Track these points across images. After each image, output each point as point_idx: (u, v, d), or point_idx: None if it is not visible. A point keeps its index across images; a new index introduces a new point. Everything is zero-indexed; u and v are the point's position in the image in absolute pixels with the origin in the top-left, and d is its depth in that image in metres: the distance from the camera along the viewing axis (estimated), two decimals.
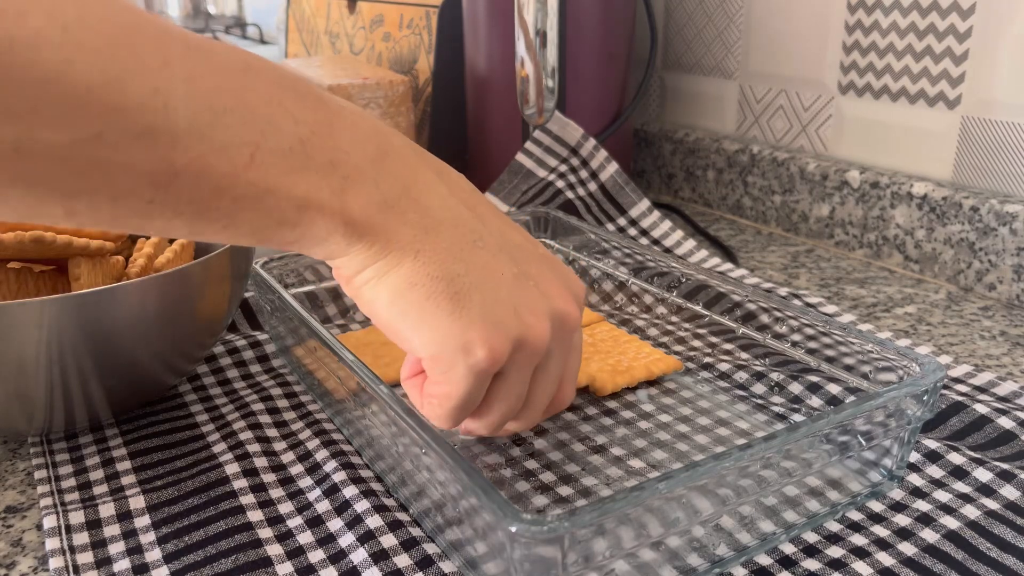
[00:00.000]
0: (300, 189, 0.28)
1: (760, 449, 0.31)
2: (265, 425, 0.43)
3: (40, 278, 0.45)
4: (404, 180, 0.31)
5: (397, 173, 0.31)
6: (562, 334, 0.34)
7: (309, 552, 0.34)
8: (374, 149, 0.30)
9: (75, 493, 0.38)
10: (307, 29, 1.12)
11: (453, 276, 0.31)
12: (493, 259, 0.32)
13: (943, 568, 0.33)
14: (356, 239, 0.30)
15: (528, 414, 0.36)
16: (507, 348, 0.32)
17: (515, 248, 0.34)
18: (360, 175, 0.29)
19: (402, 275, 0.31)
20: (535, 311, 0.33)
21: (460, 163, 0.83)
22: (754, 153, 0.76)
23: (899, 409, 0.35)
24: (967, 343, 0.53)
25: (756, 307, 0.46)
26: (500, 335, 0.31)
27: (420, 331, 0.31)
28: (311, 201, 0.28)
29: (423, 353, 0.32)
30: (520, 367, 0.33)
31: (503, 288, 0.32)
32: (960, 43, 0.62)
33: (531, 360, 0.33)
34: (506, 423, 0.35)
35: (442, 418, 0.33)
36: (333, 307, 0.55)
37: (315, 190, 0.28)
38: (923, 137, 0.66)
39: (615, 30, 0.74)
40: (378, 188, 0.30)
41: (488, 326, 0.31)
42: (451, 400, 0.32)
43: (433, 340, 0.31)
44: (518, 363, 0.33)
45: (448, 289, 0.31)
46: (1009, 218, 0.58)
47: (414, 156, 0.32)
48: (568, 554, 0.27)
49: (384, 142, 0.31)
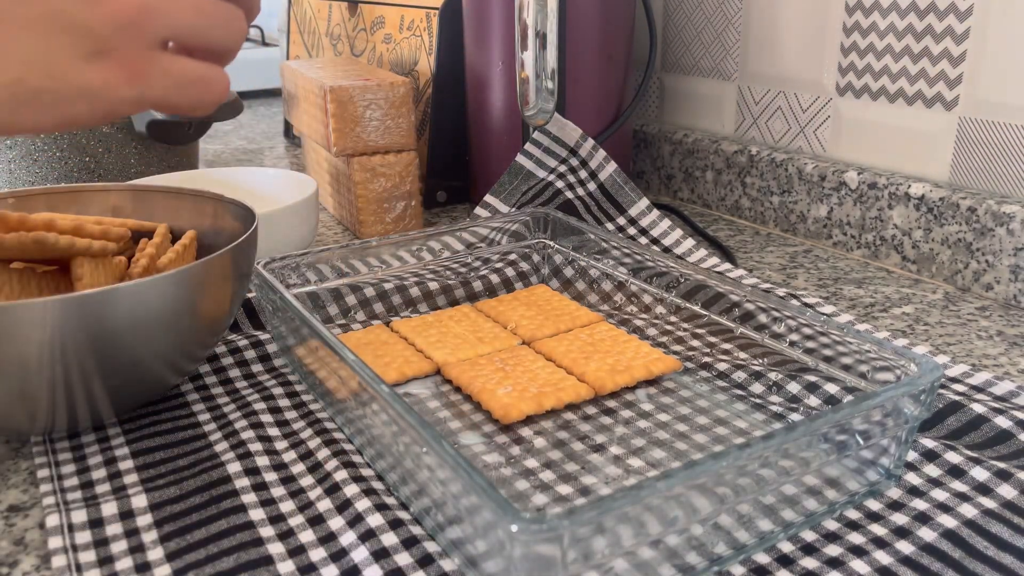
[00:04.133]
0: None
1: (758, 448, 0.31)
2: (267, 424, 0.44)
3: (43, 278, 0.45)
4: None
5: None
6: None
7: (310, 550, 0.35)
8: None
9: (77, 492, 0.39)
10: (308, 31, 1.12)
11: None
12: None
13: (941, 567, 0.33)
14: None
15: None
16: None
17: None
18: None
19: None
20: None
21: (460, 164, 0.83)
22: (752, 154, 0.77)
23: (897, 408, 0.35)
24: (964, 343, 0.53)
25: (754, 307, 0.46)
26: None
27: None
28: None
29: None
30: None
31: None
32: (957, 45, 0.62)
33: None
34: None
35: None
36: (334, 307, 0.55)
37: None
38: (920, 138, 0.66)
39: (614, 32, 0.74)
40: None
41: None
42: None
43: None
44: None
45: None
46: (1006, 219, 0.58)
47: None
48: (568, 552, 0.27)
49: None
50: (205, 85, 0.36)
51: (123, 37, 0.33)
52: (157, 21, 0.34)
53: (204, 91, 0.36)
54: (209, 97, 0.36)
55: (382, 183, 0.72)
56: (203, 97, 0.36)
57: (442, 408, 0.45)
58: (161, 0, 0.34)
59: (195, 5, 0.35)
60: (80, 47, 0.33)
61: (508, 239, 0.61)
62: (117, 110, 0.34)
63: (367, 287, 0.56)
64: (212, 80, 0.36)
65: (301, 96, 0.78)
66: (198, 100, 0.36)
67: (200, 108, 0.36)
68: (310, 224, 0.65)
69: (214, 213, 0.52)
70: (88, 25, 0.32)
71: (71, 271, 0.42)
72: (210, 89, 0.36)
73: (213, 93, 0.36)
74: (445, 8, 0.79)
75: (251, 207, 0.49)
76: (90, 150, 0.77)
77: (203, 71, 0.36)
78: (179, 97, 0.35)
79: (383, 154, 0.72)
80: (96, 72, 0.33)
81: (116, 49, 0.33)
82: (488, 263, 0.60)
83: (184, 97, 0.35)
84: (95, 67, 0.33)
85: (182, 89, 0.35)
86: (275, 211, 0.60)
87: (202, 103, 0.36)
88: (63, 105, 0.33)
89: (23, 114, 0.33)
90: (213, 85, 0.36)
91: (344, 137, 0.70)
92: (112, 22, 0.33)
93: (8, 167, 0.76)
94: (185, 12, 0.34)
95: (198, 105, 0.36)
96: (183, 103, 0.35)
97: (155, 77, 0.34)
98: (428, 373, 0.49)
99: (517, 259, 0.61)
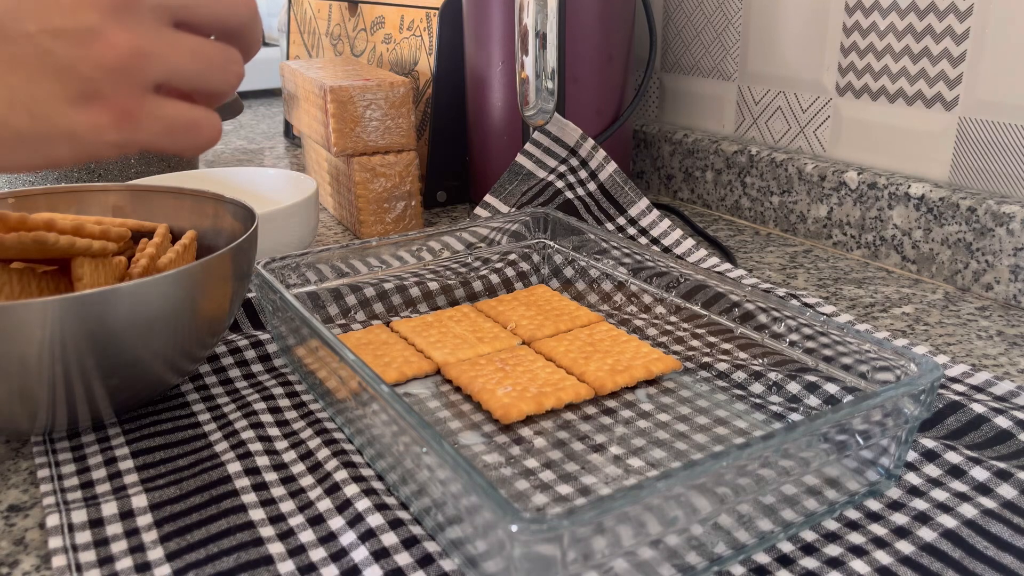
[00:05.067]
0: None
1: (758, 448, 0.31)
2: (267, 424, 0.44)
3: (43, 278, 0.45)
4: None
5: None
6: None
7: (310, 550, 0.35)
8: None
9: (78, 492, 0.39)
10: (309, 31, 1.12)
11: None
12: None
13: (940, 567, 0.33)
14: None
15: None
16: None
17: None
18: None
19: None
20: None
21: (461, 164, 0.83)
22: (752, 154, 0.77)
23: (896, 408, 0.35)
24: (964, 343, 0.53)
25: (754, 307, 0.46)
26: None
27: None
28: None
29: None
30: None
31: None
32: (957, 45, 0.62)
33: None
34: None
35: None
36: (335, 307, 0.55)
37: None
38: (920, 138, 0.66)
39: (614, 32, 0.74)
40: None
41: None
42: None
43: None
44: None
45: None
46: (1006, 219, 0.58)
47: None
48: (568, 552, 0.27)
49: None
50: (196, 130, 0.35)
51: (113, 81, 0.32)
52: (151, 66, 0.32)
53: (194, 136, 0.35)
54: (198, 142, 0.35)
55: (382, 183, 0.72)
56: (192, 142, 0.35)
57: (442, 408, 0.45)
58: (155, 43, 0.32)
59: (191, 49, 0.34)
60: (67, 90, 0.31)
61: (508, 239, 0.61)
62: (101, 153, 0.33)
63: (367, 287, 0.56)
64: (203, 125, 0.35)
65: (301, 96, 0.78)
66: (187, 145, 0.35)
67: (189, 152, 0.35)
68: (310, 224, 0.65)
69: (214, 213, 0.52)
70: (77, 68, 0.31)
71: (71, 271, 0.42)
72: (200, 134, 0.35)
73: (202, 138, 0.35)
74: (445, 8, 0.79)
75: (251, 207, 0.49)
76: None
77: (194, 115, 0.34)
78: (167, 142, 0.34)
79: (383, 154, 0.72)
80: (83, 116, 0.32)
81: (105, 92, 0.32)
82: (488, 263, 0.60)
83: (173, 142, 0.34)
84: (82, 110, 0.32)
85: (171, 134, 0.34)
86: (275, 211, 0.60)
87: (191, 148, 0.35)
88: (45, 147, 0.32)
89: (3, 155, 0.32)
90: (203, 130, 0.35)
91: (344, 137, 0.70)
92: (102, 65, 0.31)
93: None
94: (181, 57, 0.33)
95: (187, 149, 0.35)
96: (171, 147, 0.34)
97: (144, 122, 0.33)
98: (428, 373, 0.49)
99: (517, 259, 0.61)
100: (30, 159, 0.32)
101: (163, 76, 0.33)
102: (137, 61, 0.32)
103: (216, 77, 0.35)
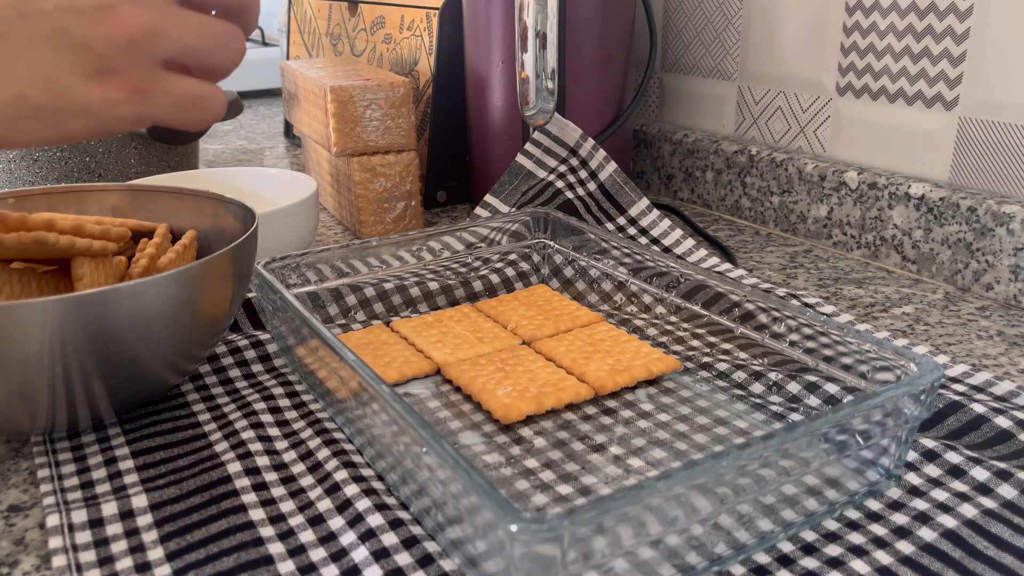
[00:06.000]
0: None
1: (758, 448, 0.31)
2: (267, 424, 0.44)
3: (43, 278, 0.45)
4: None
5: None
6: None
7: (310, 550, 0.35)
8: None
9: (78, 492, 0.39)
10: (309, 31, 1.12)
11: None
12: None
13: (941, 567, 0.33)
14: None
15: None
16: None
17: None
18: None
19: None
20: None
21: (460, 165, 0.83)
22: (753, 154, 0.77)
23: (897, 408, 0.35)
24: (964, 343, 0.53)
25: (754, 307, 0.46)
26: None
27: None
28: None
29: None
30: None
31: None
32: (957, 45, 0.62)
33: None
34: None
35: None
36: (335, 307, 0.55)
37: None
38: (921, 138, 0.66)
39: (614, 32, 0.74)
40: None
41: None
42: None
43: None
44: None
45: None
46: (1006, 219, 0.58)
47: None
48: (568, 552, 0.27)
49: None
50: (203, 103, 0.36)
51: (126, 56, 0.33)
52: (160, 41, 0.34)
53: (201, 109, 0.36)
54: (206, 115, 0.36)
55: (382, 183, 0.72)
56: (200, 115, 0.36)
57: (442, 408, 0.45)
58: (164, 20, 0.34)
59: (198, 26, 0.35)
60: (82, 65, 0.33)
61: (508, 239, 0.61)
62: (115, 127, 0.35)
63: (367, 287, 0.56)
64: (209, 98, 0.36)
65: (301, 96, 0.78)
66: (195, 118, 0.36)
67: (197, 125, 0.36)
68: (310, 224, 0.65)
69: (214, 213, 0.52)
70: (91, 44, 0.33)
71: (71, 271, 0.42)
72: (207, 107, 0.36)
73: (210, 111, 0.37)
74: (445, 8, 0.79)
75: (251, 207, 0.49)
76: (90, 150, 0.77)
77: (201, 90, 0.36)
78: (177, 116, 0.36)
79: (383, 154, 0.72)
80: (97, 90, 0.33)
81: (118, 68, 0.33)
82: (488, 263, 0.60)
83: (182, 115, 0.36)
84: (96, 85, 0.33)
85: (180, 108, 0.36)
86: (275, 211, 0.60)
87: (199, 121, 0.36)
88: (62, 121, 0.34)
89: (21, 129, 0.33)
90: (210, 103, 0.37)
91: (344, 137, 0.70)
92: (115, 42, 0.33)
93: (8, 167, 0.76)
94: (188, 33, 0.35)
95: (195, 123, 0.36)
96: (181, 121, 0.36)
97: (155, 96, 0.34)
98: (428, 373, 0.49)
99: (517, 259, 0.61)
100: (46, 133, 0.34)
101: (173, 52, 0.35)
102: (148, 38, 0.33)
103: (220, 54, 0.36)
